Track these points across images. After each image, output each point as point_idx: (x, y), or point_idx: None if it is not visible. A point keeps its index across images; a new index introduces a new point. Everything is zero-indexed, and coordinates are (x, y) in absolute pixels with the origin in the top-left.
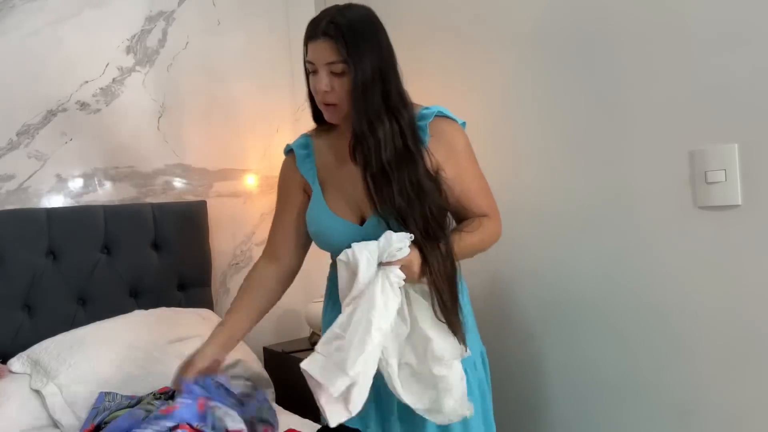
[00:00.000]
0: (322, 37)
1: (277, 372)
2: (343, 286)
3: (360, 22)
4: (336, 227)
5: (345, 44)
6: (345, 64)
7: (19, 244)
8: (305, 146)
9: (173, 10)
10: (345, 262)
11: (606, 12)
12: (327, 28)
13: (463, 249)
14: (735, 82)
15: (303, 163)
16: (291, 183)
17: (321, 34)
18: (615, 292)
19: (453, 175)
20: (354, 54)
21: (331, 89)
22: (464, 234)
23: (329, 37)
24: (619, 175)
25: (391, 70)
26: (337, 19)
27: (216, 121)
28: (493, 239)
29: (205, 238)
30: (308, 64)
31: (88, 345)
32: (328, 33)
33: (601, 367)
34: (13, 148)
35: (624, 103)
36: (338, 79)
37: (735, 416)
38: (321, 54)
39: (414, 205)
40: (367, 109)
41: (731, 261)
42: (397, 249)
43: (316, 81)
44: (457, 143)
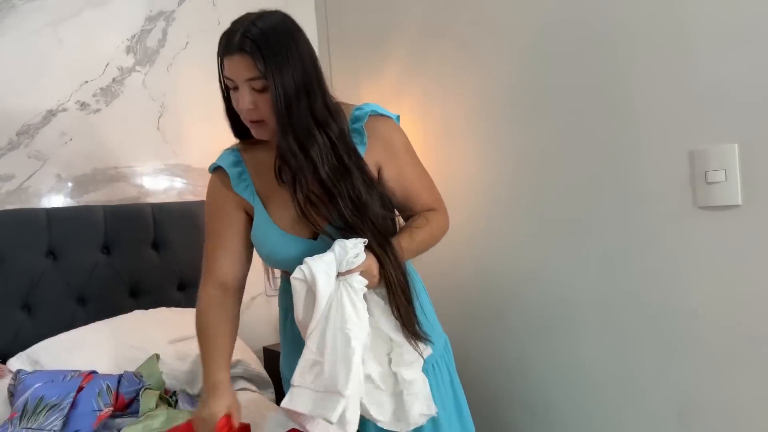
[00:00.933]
0: (237, 52)
1: (277, 372)
2: (301, 306)
3: (276, 32)
4: (289, 245)
5: (262, 58)
6: (264, 80)
7: (19, 244)
8: (236, 163)
9: (173, 10)
10: (301, 280)
11: (606, 12)
12: (241, 42)
13: (416, 246)
14: (735, 82)
15: (238, 183)
16: (226, 203)
17: (236, 49)
18: (615, 292)
19: (394, 175)
20: (272, 69)
21: (255, 106)
22: (414, 231)
23: (244, 53)
24: (619, 175)
25: (315, 80)
26: (251, 32)
27: (216, 121)
28: (442, 232)
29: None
30: (227, 80)
31: (88, 345)
32: (243, 48)
33: (600, 366)
34: (13, 148)
35: (624, 103)
36: (261, 95)
37: (735, 416)
38: (238, 70)
39: (358, 217)
40: (293, 127)
41: (731, 261)
42: (354, 255)
43: (238, 98)
44: (394, 141)
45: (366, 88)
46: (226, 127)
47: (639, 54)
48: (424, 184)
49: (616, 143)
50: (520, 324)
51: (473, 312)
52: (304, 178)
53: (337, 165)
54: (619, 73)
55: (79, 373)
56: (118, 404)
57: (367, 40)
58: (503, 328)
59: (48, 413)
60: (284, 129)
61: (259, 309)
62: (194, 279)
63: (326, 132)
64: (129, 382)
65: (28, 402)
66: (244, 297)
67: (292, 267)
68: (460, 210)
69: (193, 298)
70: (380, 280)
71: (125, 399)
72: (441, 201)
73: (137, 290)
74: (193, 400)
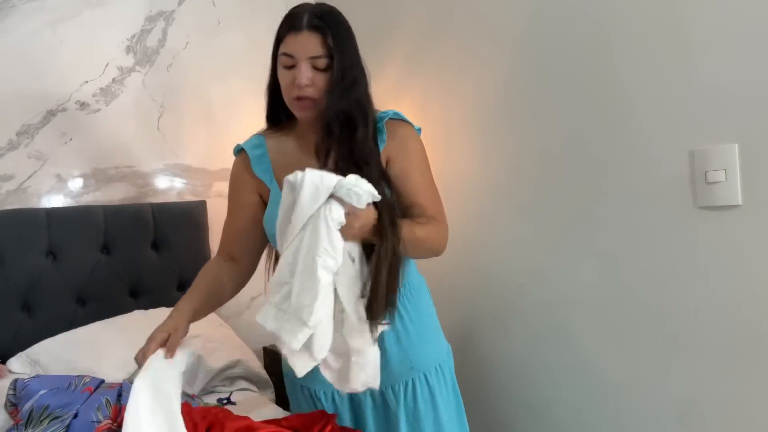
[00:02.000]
0: (307, 30)
1: (277, 372)
2: (284, 213)
3: (339, 19)
4: None
5: (331, 37)
6: (329, 59)
7: (19, 244)
8: (259, 146)
9: (173, 10)
10: (291, 183)
11: (606, 12)
12: (312, 21)
13: (413, 239)
14: (735, 82)
15: (258, 164)
16: (244, 185)
17: (306, 26)
18: (615, 292)
19: (398, 170)
20: (339, 50)
21: (311, 83)
22: (415, 225)
23: (314, 31)
24: (619, 175)
25: (363, 71)
26: (321, 13)
27: (216, 121)
28: (440, 242)
29: (205, 238)
30: (285, 57)
31: (88, 345)
32: (315, 26)
33: (601, 366)
34: (13, 148)
35: (624, 103)
36: (319, 73)
37: (735, 416)
38: (305, 47)
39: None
40: (344, 107)
41: (731, 261)
42: (356, 193)
43: (295, 74)
44: (410, 143)
45: None
46: (226, 127)
47: (639, 54)
48: (429, 193)
49: (616, 143)
50: (519, 324)
51: (472, 313)
52: (338, 155)
53: (364, 153)
54: (619, 73)
55: (83, 380)
56: (122, 416)
57: (367, 40)
58: (503, 328)
59: (50, 423)
60: (335, 107)
61: (259, 309)
62: (194, 279)
63: (366, 118)
64: (128, 393)
65: (33, 410)
66: (244, 297)
67: None
68: (459, 209)
69: None
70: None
71: None
72: (443, 215)
73: (137, 290)
74: (193, 400)
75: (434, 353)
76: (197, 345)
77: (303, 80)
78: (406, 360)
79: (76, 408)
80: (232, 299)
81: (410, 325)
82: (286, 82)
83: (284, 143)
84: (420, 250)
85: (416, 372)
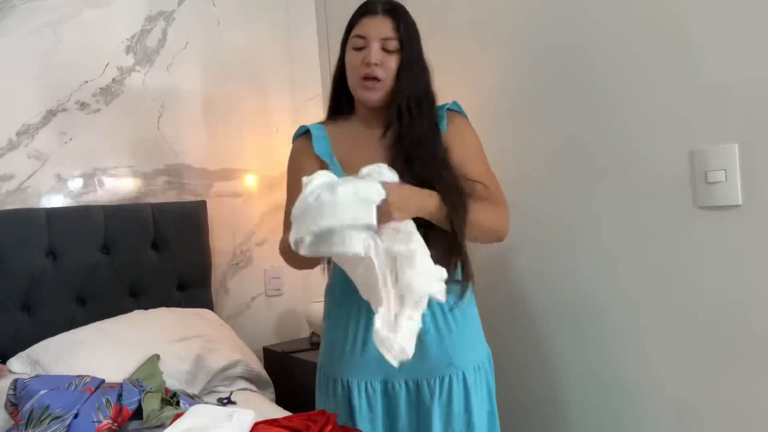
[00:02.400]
0: (382, 13)
1: (277, 372)
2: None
3: (409, 14)
4: None
5: (404, 24)
6: (399, 42)
7: (19, 244)
8: (320, 129)
9: (173, 10)
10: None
11: (606, 11)
12: (386, 6)
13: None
14: (735, 82)
15: (319, 143)
16: (306, 163)
17: (381, 11)
18: (615, 292)
19: (457, 158)
20: (407, 34)
21: (381, 63)
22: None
23: (389, 15)
24: (619, 175)
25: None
26: (394, 4)
27: (216, 121)
28: (502, 226)
29: (205, 238)
30: (358, 38)
31: (88, 345)
32: (388, 11)
33: (601, 366)
34: (13, 148)
35: (624, 103)
36: (388, 55)
37: (735, 416)
38: (379, 28)
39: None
40: (413, 87)
41: (731, 261)
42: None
43: (365, 54)
44: (467, 133)
45: None
46: (226, 127)
47: (639, 54)
48: (488, 179)
49: (616, 143)
50: (519, 324)
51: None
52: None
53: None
54: (619, 73)
55: (83, 380)
56: (122, 417)
57: None
58: (505, 329)
59: (51, 423)
60: (404, 87)
61: (259, 309)
62: (194, 279)
63: (431, 106)
64: (129, 392)
65: (34, 410)
66: (244, 297)
67: None
68: None
69: (193, 298)
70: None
71: (129, 410)
72: (504, 199)
73: (137, 290)
74: (193, 400)
75: (474, 353)
76: (197, 343)
77: (373, 58)
78: (445, 355)
79: (77, 408)
80: (232, 299)
81: (453, 321)
82: (356, 62)
83: (343, 128)
84: (483, 231)
85: (454, 369)
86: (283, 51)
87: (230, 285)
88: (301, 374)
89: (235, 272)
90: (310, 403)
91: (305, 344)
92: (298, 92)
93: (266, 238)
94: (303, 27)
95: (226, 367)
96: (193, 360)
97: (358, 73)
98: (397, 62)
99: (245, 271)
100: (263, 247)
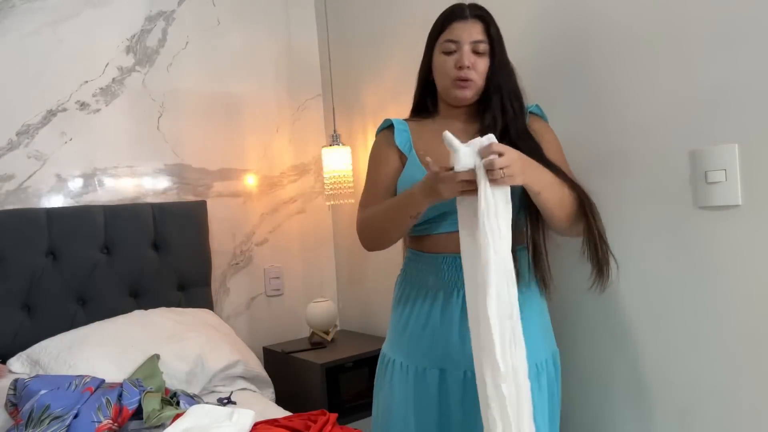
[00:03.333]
0: (472, 18)
1: (277, 372)
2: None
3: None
4: None
5: (493, 27)
6: (489, 45)
7: (19, 244)
8: (402, 124)
9: (173, 9)
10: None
11: (606, 11)
12: (475, 11)
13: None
14: (735, 82)
15: (400, 136)
16: (389, 150)
17: (471, 16)
18: (614, 293)
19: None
20: (496, 37)
21: (472, 66)
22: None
23: (480, 20)
24: (619, 175)
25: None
26: (481, 8)
27: (216, 121)
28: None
29: (205, 238)
30: (450, 43)
31: (88, 345)
32: (478, 15)
33: (601, 366)
34: (13, 148)
35: (624, 102)
36: (479, 58)
37: (735, 416)
38: (470, 33)
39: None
40: (502, 87)
41: (731, 261)
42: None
43: (456, 58)
44: (547, 133)
45: (366, 88)
46: (226, 127)
47: (639, 54)
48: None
49: (616, 143)
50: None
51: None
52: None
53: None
54: (619, 73)
55: (83, 380)
56: (123, 417)
57: (367, 40)
58: None
59: (51, 423)
60: (497, 85)
61: (259, 309)
62: (194, 279)
63: (521, 104)
64: (129, 392)
65: (33, 410)
66: (244, 297)
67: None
68: None
69: (193, 298)
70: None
71: (129, 410)
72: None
73: (137, 290)
74: (193, 400)
75: (542, 349)
76: (197, 343)
77: (466, 61)
78: None
79: (77, 408)
80: (232, 299)
81: (529, 310)
82: (448, 66)
83: (425, 125)
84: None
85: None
86: (282, 51)
87: (230, 285)
88: (301, 374)
89: (235, 272)
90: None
91: (305, 344)
92: (298, 92)
93: (266, 238)
94: (303, 27)
95: (226, 367)
96: (193, 360)
97: (451, 75)
98: (485, 63)
99: (245, 271)
100: (263, 247)
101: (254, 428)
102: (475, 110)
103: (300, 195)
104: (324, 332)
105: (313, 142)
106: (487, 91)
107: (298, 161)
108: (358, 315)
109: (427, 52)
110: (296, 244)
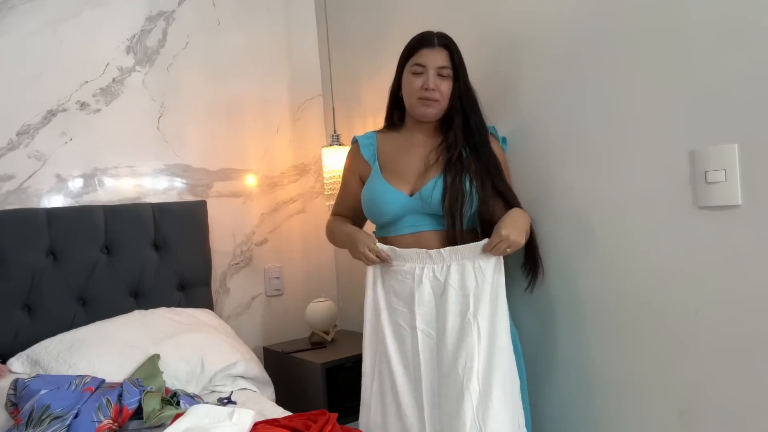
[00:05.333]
0: (438, 46)
1: (277, 372)
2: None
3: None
4: (387, 194)
5: (456, 54)
6: (453, 71)
7: (19, 244)
8: (369, 137)
9: (173, 10)
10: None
11: (605, 11)
12: (442, 40)
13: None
14: (735, 82)
15: (366, 150)
16: (356, 165)
17: (438, 44)
18: (615, 292)
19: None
20: (460, 64)
21: (437, 88)
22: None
23: (444, 48)
24: (618, 175)
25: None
26: (447, 37)
27: (216, 121)
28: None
29: (205, 238)
30: (418, 66)
31: (88, 345)
32: (445, 44)
33: (600, 366)
34: (13, 148)
35: (624, 102)
36: (443, 81)
37: (735, 416)
38: (435, 59)
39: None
40: (465, 109)
41: (731, 261)
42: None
43: (424, 80)
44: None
45: (366, 88)
46: (226, 127)
47: (639, 54)
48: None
49: (616, 143)
50: (522, 325)
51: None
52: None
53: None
54: (619, 73)
55: (83, 380)
56: (123, 417)
57: (367, 40)
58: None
59: (51, 423)
60: (459, 108)
61: (259, 309)
62: (194, 279)
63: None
64: (130, 392)
65: (34, 410)
66: (244, 297)
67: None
68: None
69: (193, 298)
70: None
71: (129, 410)
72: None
73: (137, 290)
74: (193, 399)
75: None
76: (198, 342)
77: (431, 84)
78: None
79: (77, 408)
80: (232, 299)
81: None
82: (415, 86)
83: (391, 138)
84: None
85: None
86: (282, 51)
87: (230, 285)
88: (301, 374)
89: (235, 272)
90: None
91: (305, 344)
92: (298, 92)
93: (266, 238)
94: (303, 27)
95: (226, 367)
96: (194, 360)
97: (417, 95)
98: (449, 86)
99: (245, 271)
100: (263, 247)
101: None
102: (437, 127)
103: (300, 195)
104: (324, 332)
105: (313, 143)
106: (450, 111)
107: (298, 161)
108: (358, 315)
109: (398, 71)
110: (296, 244)
